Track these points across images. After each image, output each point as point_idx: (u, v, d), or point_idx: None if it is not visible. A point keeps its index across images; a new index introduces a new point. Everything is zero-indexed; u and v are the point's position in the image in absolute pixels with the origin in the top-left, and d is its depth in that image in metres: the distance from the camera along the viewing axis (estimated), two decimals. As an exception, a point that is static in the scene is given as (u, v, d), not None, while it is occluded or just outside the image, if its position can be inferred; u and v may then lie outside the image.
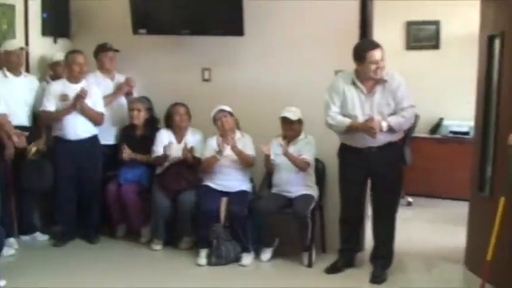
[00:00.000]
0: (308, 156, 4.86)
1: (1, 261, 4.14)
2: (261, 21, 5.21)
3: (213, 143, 5.03)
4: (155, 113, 5.46)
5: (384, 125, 4.27)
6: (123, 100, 5.53)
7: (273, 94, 5.24)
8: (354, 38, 4.89)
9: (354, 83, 4.37)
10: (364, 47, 4.35)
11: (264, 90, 5.30)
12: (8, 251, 4.70)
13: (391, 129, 4.32)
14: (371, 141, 4.32)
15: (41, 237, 5.31)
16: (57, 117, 5.07)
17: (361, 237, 4.95)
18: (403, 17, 7.32)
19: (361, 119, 4.34)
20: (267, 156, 4.89)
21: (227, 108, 5.02)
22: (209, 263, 4.79)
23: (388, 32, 5.07)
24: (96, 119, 5.16)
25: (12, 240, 4.94)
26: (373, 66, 4.25)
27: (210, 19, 5.28)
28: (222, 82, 5.47)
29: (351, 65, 4.47)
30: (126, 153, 5.19)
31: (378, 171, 4.43)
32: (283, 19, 5.22)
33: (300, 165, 4.82)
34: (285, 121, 4.86)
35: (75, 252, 5.09)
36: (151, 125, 5.41)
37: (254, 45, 5.30)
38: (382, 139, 4.33)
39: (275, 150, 4.93)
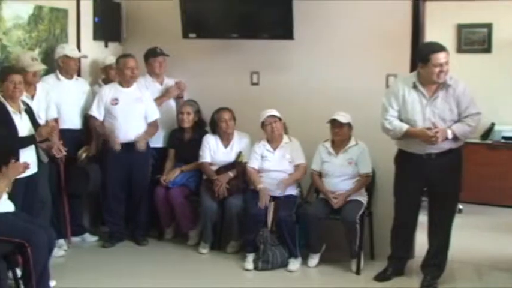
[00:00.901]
0: (366, 169, 4.81)
1: (51, 262, 4.16)
2: (311, 25, 5.18)
3: (259, 150, 5.02)
4: (203, 116, 5.47)
5: (449, 132, 4.16)
6: (172, 103, 5.55)
7: (323, 98, 5.19)
8: (406, 41, 4.82)
9: (415, 87, 4.25)
10: (429, 48, 4.21)
11: (314, 94, 5.25)
12: (57, 252, 4.77)
13: (455, 138, 4.20)
14: (431, 147, 4.20)
15: (90, 238, 5.39)
16: (99, 131, 5.16)
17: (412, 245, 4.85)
18: (455, 20, 7.16)
19: (421, 124, 4.22)
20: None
21: (277, 114, 4.98)
22: (256, 268, 4.77)
23: (439, 35, 4.98)
24: (153, 134, 5.29)
25: (61, 241, 5.01)
26: (436, 69, 4.12)
27: (259, 23, 5.29)
28: (271, 86, 5.45)
29: (403, 69, 4.40)
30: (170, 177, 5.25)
31: (436, 179, 4.29)
32: (334, 22, 5.17)
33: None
34: (334, 124, 4.79)
35: (124, 253, 5.14)
36: (200, 128, 5.43)
37: (304, 48, 5.25)
38: (443, 145, 4.20)
39: (323, 156, 4.88)
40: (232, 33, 5.37)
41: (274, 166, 4.98)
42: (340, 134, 4.81)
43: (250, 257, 4.81)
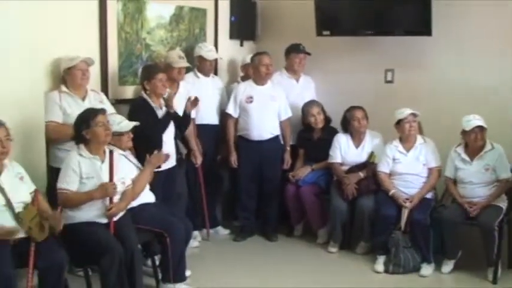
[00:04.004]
0: (505, 174, 4.54)
1: (187, 252, 4.32)
2: (450, 21, 4.99)
3: (391, 152, 4.88)
4: (328, 114, 5.42)
5: None
6: (299, 102, 5.51)
7: (459, 98, 5.00)
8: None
9: None
10: None
11: (451, 93, 5.07)
12: (192, 243, 4.93)
13: None
14: None
15: (222, 231, 5.55)
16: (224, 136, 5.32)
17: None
18: None
19: None
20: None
21: (417, 113, 4.81)
22: (386, 271, 4.67)
23: None
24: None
25: (196, 232, 5.17)
26: None
27: (395, 19, 5.19)
28: (406, 84, 5.33)
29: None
30: (300, 175, 5.26)
31: None
32: (475, 18, 4.96)
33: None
34: (476, 131, 4.51)
35: (254, 248, 5.24)
36: (328, 127, 5.40)
37: (442, 45, 5.08)
38: None
39: (456, 163, 4.67)
40: (367, 30, 5.32)
41: (407, 169, 4.83)
42: (481, 140, 4.56)
43: (381, 259, 4.72)
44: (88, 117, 3.81)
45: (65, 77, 4.28)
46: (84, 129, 3.79)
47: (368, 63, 5.48)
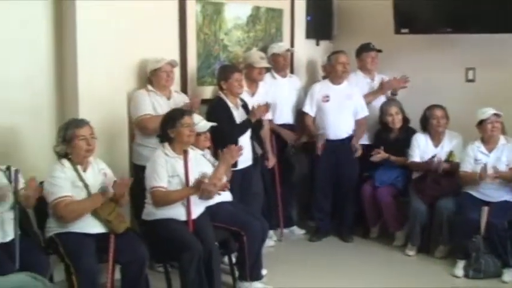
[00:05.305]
0: None
1: (263, 251, 4.35)
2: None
3: (472, 152, 4.73)
4: (407, 114, 5.31)
5: None
6: (379, 101, 5.46)
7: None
8: None
9: None
10: None
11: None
12: (268, 242, 4.92)
13: None
14: None
15: (298, 231, 5.54)
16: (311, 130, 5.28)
17: None
18: None
19: None
20: None
21: (500, 113, 4.65)
22: (466, 276, 4.53)
23: None
24: (363, 134, 5.31)
25: (271, 232, 5.19)
26: None
27: (475, 16, 5.04)
28: (488, 83, 5.17)
29: None
30: (378, 157, 5.15)
31: None
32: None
33: None
34: None
35: (330, 249, 5.20)
36: (406, 128, 5.29)
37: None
38: None
39: None
40: (447, 28, 5.19)
41: (489, 169, 4.65)
42: None
43: (461, 264, 4.58)
44: (175, 117, 3.90)
45: (151, 77, 4.41)
46: (169, 128, 3.88)
47: (448, 61, 5.35)
